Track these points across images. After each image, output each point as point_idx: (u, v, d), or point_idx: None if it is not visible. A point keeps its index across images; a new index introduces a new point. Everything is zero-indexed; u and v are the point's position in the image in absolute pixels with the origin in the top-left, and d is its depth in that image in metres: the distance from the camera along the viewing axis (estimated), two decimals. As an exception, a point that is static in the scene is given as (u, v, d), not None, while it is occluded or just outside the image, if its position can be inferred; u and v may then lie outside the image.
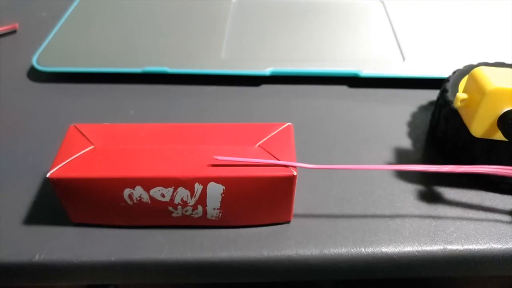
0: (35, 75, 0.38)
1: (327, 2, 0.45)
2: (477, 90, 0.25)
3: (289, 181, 0.24)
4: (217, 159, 0.24)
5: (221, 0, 0.45)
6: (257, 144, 0.25)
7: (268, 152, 0.25)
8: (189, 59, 0.37)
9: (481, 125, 0.25)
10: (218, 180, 0.24)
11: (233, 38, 0.40)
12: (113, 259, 0.25)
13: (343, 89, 0.37)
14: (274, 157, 0.24)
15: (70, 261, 0.25)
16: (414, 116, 0.34)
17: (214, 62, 0.37)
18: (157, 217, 0.26)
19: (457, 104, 0.26)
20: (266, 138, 0.25)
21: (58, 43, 0.39)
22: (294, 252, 0.25)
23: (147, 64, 0.36)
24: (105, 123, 0.27)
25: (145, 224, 0.26)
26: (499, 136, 0.25)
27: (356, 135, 0.32)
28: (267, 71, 0.36)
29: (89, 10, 0.43)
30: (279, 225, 0.26)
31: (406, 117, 0.34)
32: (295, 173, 0.24)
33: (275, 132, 0.26)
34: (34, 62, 0.37)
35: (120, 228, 0.26)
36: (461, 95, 0.26)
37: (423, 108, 0.35)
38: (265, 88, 0.37)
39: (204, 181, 0.24)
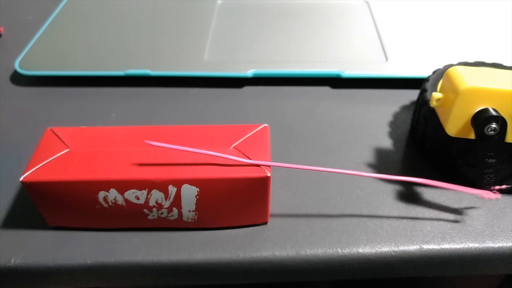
0: (18, 79, 0.38)
1: (312, 3, 0.45)
2: (451, 90, 0.25)
3: (263, 182, 0.24)
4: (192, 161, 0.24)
5: (206, 2, 0.45)
6: (232, 146, 0.25)
7: (242, 153, 0.25)
8: (172, 62, 0.37)
9: (456, 124, 0.25)
10: (191, 182, 0.24)
11: (216, 40, 0.40)
12: (89, 262, 0.25)
13: (326, 90, 0.37)
14: (249, 158, 0.24)
15: (46, 265, 0.25)
16: (396, 116, 0.34)
17: (197, 64, 0.37)
18: (133, 219, 0.26)
19: (433, 103, 0.26)
20: (241, 140, 0.25)
21: (41, 47, 0.39)
22: (270, 253, 0.25)
23: (129, 67, 0.37)
24: (82, 126, 0.27)
25: (121, 226, 0.26)
26: (474, 135, 0.25)
27: (337, 135, 0.32)
28: (249, 72, 0.36)
29: (73, 14, 0.43)
30: (256, 227, 0.26)
31: (388, 117, 0.34)
32: (268, 174, 0.24)
33: (251, 133, 0.26)
34: (16, 66, 0.37)
35: (97, 231, 0.26)
36: (436, 94, 0.26)
37: (405, 108, 0.35)
38: (247, 89, 0.37)
39: (178, 183, 0.24)
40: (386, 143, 0.32)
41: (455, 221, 0.27)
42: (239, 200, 0.25)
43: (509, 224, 0.26)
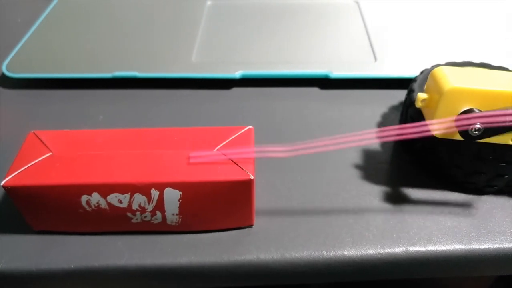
0: (6, 81, 0.38)
1: (302, 3, 0.45)
2: (436, 90, 0.25)
3: (246, 185, 0.24)
4: (175, 164, 0.24)
5: (196, 3, 0.45)
6: (216, 148, 0.25)
7: (226, 156, 0.24)
8: (160, 63, 0.37)
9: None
10: (174, 185, 0.23)
11: (205, 41, 0.40)
12: (72, 266, 0.25)
13: (314, 90, 0.37)
14: (232, 161, 0.24)
15: (29, 269, 0.25)
16: (385, 116, 0.34)
17: (184, 66, 0.37)
18: (117, 223, 0.25)
19: (418, 104, 0.26)
20: (225, 142, 0.25)
21: (28, 50, 0.39)
22: (255, 256, 0.25)
23: (117, 69, 0.36)
24: (65, 130, 0.27)
25: (105, 230, 0.26)
26: (459, 136, 0.25)
27: (325, 136, 0.32)
28: (237, 74, 0.36)
29: (62, 16, 0.43)
30: (241, 230, 0.26)
31: (376, 117, 0.34)
32: (252, 177, 0.23)
33: (235, 136, 0.26)
34: (4, 68, 0.37)
35: (81, 235, 0.26)
36: (421, 95, 0.26)
37: (393, 109, 0.35)
38: (236, 91, 0.37)
39: (160, 187, 0.24)
40: (374, 144, 0.32)
41: (442, 223, 0.26)
42: (223, 203, 0.24)
43: (495, 226, 0.26)
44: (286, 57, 0.38)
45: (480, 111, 0.24)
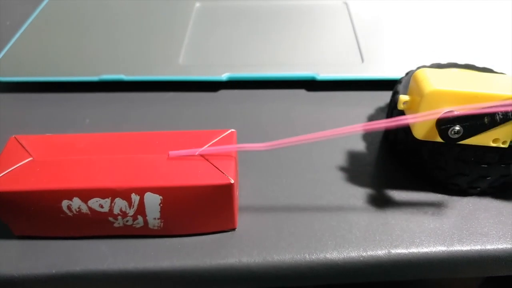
0: (-8, 85, 0.38)
1: (291, 5, 0.45)
2: (417, 92, 0.25)
3: (227, 189, 0.24)
4: (155, 168, 0.24)
5: (184, 5, 0.45)
6: (197, 152, 0.25)
7: (207, 159, 0.24)
8: (146, 66, 0.37)
9: (422, 127, 0.25)
10: (154, 190, 0.23)
11: (192, 43, 0.40)
12: (54, 271, 0.25)
13: (301, 93, 0.37)
14: (213, 165, 0.24)
15: (10, 275, 0.24)
16: (371, 118, 0.34)
17: (171, 69, 0.37)
18: (98, 227, 0.25)
19: (400, 106, 0.26)
20: (206, 146, 0.25)
21: (15, 54, 0.39)
22: (237, 260, 0.25)
23: (104, 72, 0.36)
24: (47, 134, 0.27)
25: (87, 234, 0.26)
26: (440, 138, 0.25)
27: (310, 139, 0.32)
28: (223, 76, 0.36)
29: (49, 20, 0.43)
30: (224, 233, 0.26)
31: (362, 119, 0.34)
32: (232, 181, 0.23)
33: (217, 139, 0.26)
34: (-11, 72, 0.36)
35: (62, 240, 0.26)
36: (403, 97, 0.26)
37: (380, 110, 0.35)
38: (223, 93, 0.37)
39: (140, 192, 0.23)
40: (359, 146, 0.32)
41: (425, 224, 0.26)
42: (204, 207, 0.24)
43: (478, 227, 0.26)
44: (274, 59, 0.38)
45: (460, 113, 0.24)
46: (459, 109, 0.23)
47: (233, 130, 0.26)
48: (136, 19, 0.43)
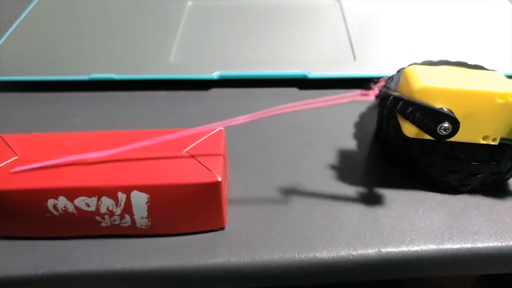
0: (-18, 85, 0.37)
1: (285, 3, 0.45)
2: (407, 89, 0.25)
3: (214, 187, 0.23)
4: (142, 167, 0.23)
5: (176, 3, 0.45)
6: (185, 150, 0.25)
7: (194, 157, 0.24)
8: (137, 65, 0.37)
9: (412, 125, 0.25)
10: (140, 188, 0.23)
11: (184, 42, 0.40)
12: (40, 272, 0.24)
13: (293, 91, 0.36)
14: (200, 163, 0.24)
15: (-4, 275, 0.24)
16: (363, 116, 0.34)
17: (162, 67, 0.36)
18: (86, 227, 0.25)
19: (390, 104, 0.26)
20: (194, 144, 0.25)
21: (4, 52, 0.38)
22: (225, 259, 0.25)
23: (94, 71, 0.36)
24: (34, 133, 0.26)
25: (74, 234, 0.26)
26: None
27: (301, 137, 0.32)
28: (214, 75, 0.35)
29: (38, 19, 0.43)
30: (213, 232, 0.26)
31: (354, 117, 0.34)
32: (219, 179, 0.23)
33: (205, 137, 0.25)
34: (-21, 72, 0.36)
35: (49, 240, 0.26)
36: (393, 94, 0.25)
37: (372, 108, 0.34)
38: (214, 92, 0.36)
39: (127, 190, 0.23)
40: (351, 144, 0.31)
41: (415, 223, 0.26)
42: (192, 206, 0.24)
43: (469, 225, 0.26)
44: (266, 57, 0.38)
45: (450, 111, 0.23)
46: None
47: (221, 128, 0.26)
48: (127, 18, 0.43)
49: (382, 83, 0.24)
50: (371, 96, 0.23)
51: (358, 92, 0.24)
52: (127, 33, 0.41)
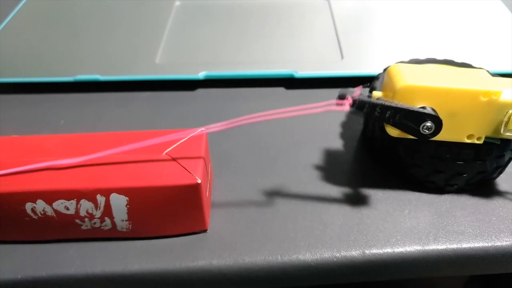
0: (-35, 87, 0.37)
1: (273, 2, 0.45)
2: (390, 88, 0.24)
3: (194, 189, 0.23)
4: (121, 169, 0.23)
5: (164, 3, 0.44)
6: (165, 152, 0.24)
7: (174, 160, 0.24)
8: (123, 66, 0.36)
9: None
10: (119, 191, 0.23)
11: (171, 42, 0.39)
12: (19, 276, 0.24)
13: (280, 90, 0.36)
14: (180, 165, 0.24)
15: (-27, 280, 0.24)
16: (349, 116, 0.33)
17: (148, 68, 0.36)
18: (66, 230, 0.25)
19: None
20: (174, 146, 0.25)
21: (-10, 54, 0.38)
22: (207, 262, 0.24)
23: (79, 72, 0.36)
24: (13, 135, 0.26)
25: (55, 238, 0.25)
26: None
27: (287, 138, 0.32)
28: (200, 75, 0.35)
29: (23, 21, 0.42)
30: (195, 235, 0.26)
31: (341, 117, 0.33)
32: (199, 181, 0.23)
33: (185, 139, 0.25)
34: (-37, 74, 0.36)
35: (28, 244, 0.25)
36: (376, 93, 0.25)
37: (359, 107, 0.34)
38: (200, 92, 0.36)
39: (106, 192, 0.23)
40: (337, 144, 0.31)
41: (401, 224, 0.26)
42: (173, 208, 0.24)
43: (454, 225, 0.25)
44: (253, 57, 0.37)
45: (432, 108, 0.23)
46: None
47: (203, 129, 0.26)
48: (114, 18, 0.42)
49: (357, 92, 0.23)
50: (345, 105, 0.23)
51: (333, 101, 0.23)
52: (114, 34, 0.40)
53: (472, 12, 0.42)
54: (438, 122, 0.23)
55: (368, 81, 0.35)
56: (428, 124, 0.23)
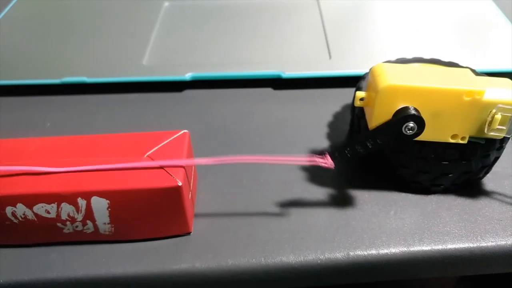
0: (-48, 90, 0.37)
1: (262, 2, 0.44)
2: (373, 88, 0.24)
3: (175, 191, 0.23)
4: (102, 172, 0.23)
5: (153, 4, 0.44)
6: (146, 154, 0.24)
7: (155, 162, 0.24)
8: (110, 67, 0.36)
9: (379, 124, 0.24)
10: (100, 194, 0.23)
11: (158, 43, 0.39)
12: (1, 281, 0.24)
13: (267, 91, 0.36)
14: (161, 167, 0.23)
15: (-46, 285, 0.24)
16: (337, 116, 0.33)
17: (135, 69, 0.36)
18: (47, 234, 0.25)
19: (357, 103, 0.25)
20: (156, 148, 0.24)
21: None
22: (190, 265, 0.24)
23: (66, 74, 0.35)
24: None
25: (37, 241, 0.25)
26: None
27: (274, 138, 0.31)
28: (187, 76, 0.35)
29: (10, 23, 0.42)
30: (179, 237, 0.25)
31: (328, 117, 0.33)
32: (180, 183, 0.23)
33: (168, 140, 0.25)
34: (-52, 76, 0.36)
35: (11, 248, 0.25)
36: (359, 93, 0.25)
37: (347, 107, 0.34)
38: (188, 93, 0.36)
39: (86, 196, 0.23)
40: (323, 145, 0.31)
41: (386, 225, 0.26)
42: (154, 211, 0.24)
43: (440, 226, 0.25)
44: (240, 57, 0.37)
45: (414, 109, 0.23)
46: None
47: (185, 131, 0.26)
48: (101, 20, 0.42)
49: (329, 155, 0.24)
50: (328, 163, 0.24)
51: (318, 158, 0.24)
52: (101, 35, 0.40)
53: (463, 12, 0.42)
54: (420, 123, 0.23)
55: (357, 81, 0.35)
56: (411, 124, 0.22)
